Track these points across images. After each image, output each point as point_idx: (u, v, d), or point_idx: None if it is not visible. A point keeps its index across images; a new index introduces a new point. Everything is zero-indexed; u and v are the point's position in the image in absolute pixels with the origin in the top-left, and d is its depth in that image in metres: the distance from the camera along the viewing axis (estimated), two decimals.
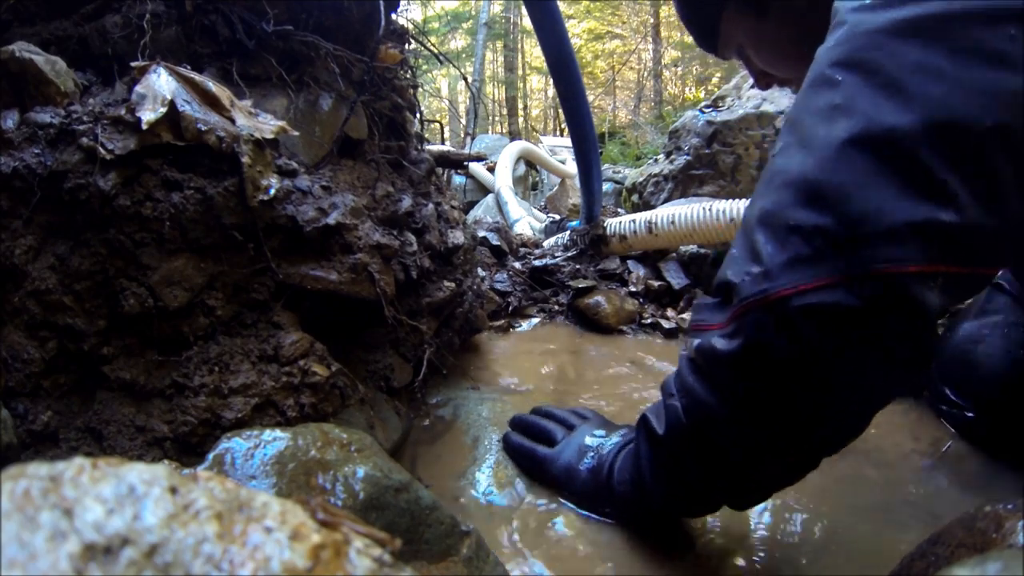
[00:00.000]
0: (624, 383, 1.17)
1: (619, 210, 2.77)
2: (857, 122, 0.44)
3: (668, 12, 12.35)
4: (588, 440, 0.74)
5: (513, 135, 10.59)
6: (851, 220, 0.43)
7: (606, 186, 4.57)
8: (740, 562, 0.67)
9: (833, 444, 0.53)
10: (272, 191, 0.72)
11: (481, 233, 1.84)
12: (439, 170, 1.29)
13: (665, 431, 0.58)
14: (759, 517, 0.74)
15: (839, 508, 0.76)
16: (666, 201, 2.65)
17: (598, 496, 0.69)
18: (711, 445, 0.54)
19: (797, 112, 0.50)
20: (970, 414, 0.92)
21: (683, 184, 2.76)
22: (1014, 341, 0.88)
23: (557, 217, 2.53)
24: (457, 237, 1.11)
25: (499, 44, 12.31)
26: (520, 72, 13.02)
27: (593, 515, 0.71)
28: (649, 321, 1.53)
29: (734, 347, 0.48)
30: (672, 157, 2.85)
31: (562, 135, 7.82)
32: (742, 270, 0.48)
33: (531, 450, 0.78)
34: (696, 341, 0.53)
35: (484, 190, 3.99)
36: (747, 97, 2.71)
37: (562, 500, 0.74)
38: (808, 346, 0.44)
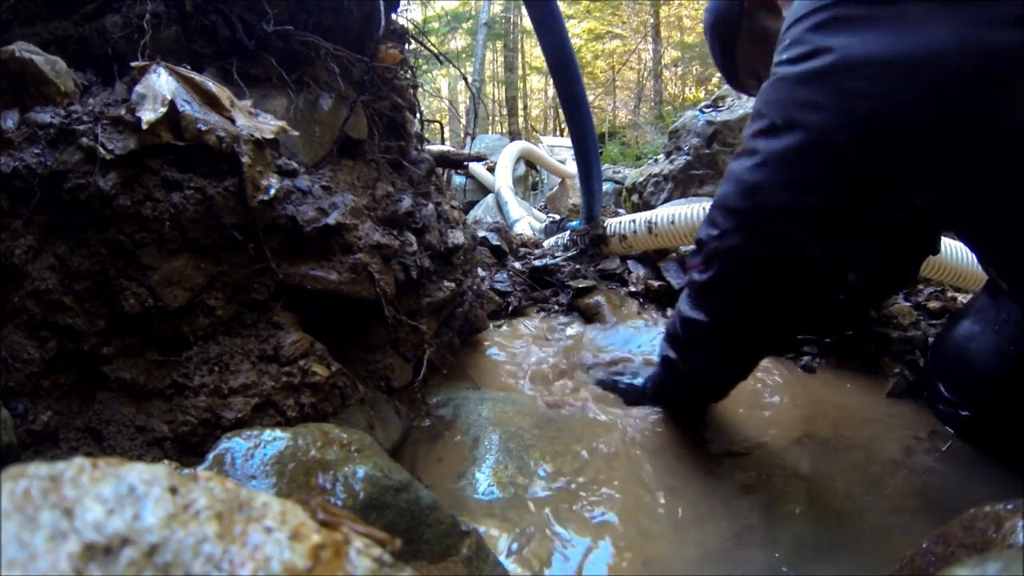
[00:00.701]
0: None
1: (619, 210, 2.77)
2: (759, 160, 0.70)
3: (668, 12, 12.37)
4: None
5: (513, 135, 10.58)
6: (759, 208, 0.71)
7: (606, 186, 4.57)
8: (733, 567, 0.67)
9: (768, 345, 0.88)
10: (272, 191, 0.72)
11: (481, 233, 1.84)
12: (439, 170, 1.29)
13: (668, 332, 0.96)
14: (758, 516, 0.74)
15: (839, 508, 0.76)
16: (666, 201, 2.65)
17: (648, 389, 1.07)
18: (697, 342, 0.87)
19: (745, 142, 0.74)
20: (965, 412, 0.92)
21: (683, 184, 2.76)
22: (1004, 338, 0.88)
23: (557, 217, 2.53)
24: (457, 237, 1.11)
25: (499, 44, 12.30)
26: (520, 72, 13.01)
27: (587, 513, 0.72)
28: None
29: (706, 277, 0.79)
30: (672, 157, 2.85)
31: (562, 135, 7.82)
32: (707, 232, 0.78)
33: (614, 381, 1.15)
34: (685, 277, 0.85)
35: (484, 190, 3.99)
36: (747, 97, 2.71)
37: (557, 498, 0.74)
38: (750, 276, 0.75)
